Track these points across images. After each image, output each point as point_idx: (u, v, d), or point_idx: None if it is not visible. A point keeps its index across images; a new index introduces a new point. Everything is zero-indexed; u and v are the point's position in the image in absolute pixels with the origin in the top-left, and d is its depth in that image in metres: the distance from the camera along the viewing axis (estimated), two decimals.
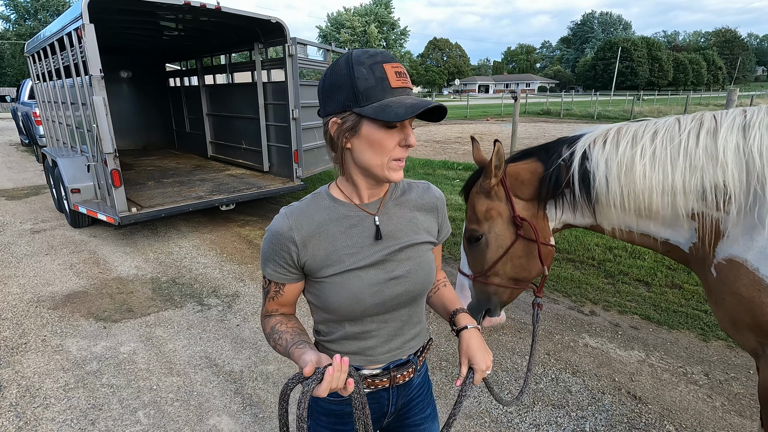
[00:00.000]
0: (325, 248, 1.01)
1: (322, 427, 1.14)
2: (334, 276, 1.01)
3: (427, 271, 1.09)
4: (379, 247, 1.04)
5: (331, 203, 1.04)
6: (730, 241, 1.38)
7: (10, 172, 9.92)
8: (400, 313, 1.09)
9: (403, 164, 0.98)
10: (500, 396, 1.08)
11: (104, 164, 4.73)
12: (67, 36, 4.87)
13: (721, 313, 1.46)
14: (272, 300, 1.07)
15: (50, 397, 2.65)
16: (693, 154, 1.37)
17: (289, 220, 1.01)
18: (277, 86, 6.51)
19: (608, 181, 1.49)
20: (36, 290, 4.08)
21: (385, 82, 0.90)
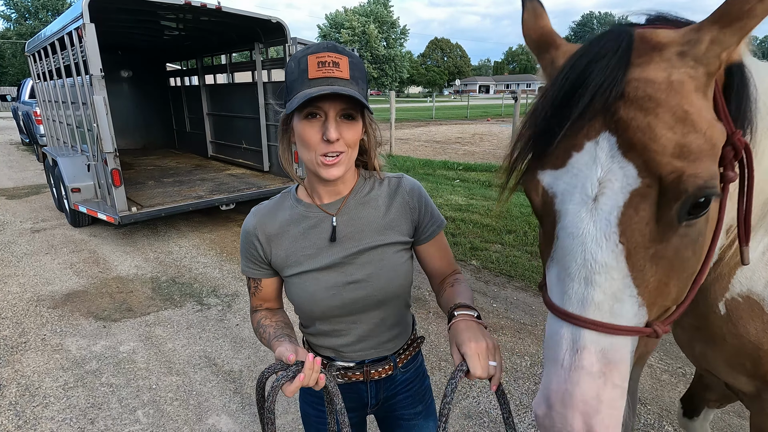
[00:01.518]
0: (286, 248, 1.04)
1: (307, 405, 1.21)
2: (293, 276, 1.04)
3: (390, 276, 1.03)
4: (337, 249, 1.01)
5: (295, 203, 1.06)
6: (750, 271, 1.00)
7: (11, 171, 9.93)
8: (370, 315, 1.06)
9: (335, 160, 0.92)
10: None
11: (104, 163, 4.73)
12: (68, 35, 4.87)
13: (714, 354, 1.14)
14: (254, 296, 1.13)
15: (50, 396, 2.65)
16: None
17: (254, 219, 1.06)
18: (277, 86, 6.50)
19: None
20: (36, 289, 4.08)
21: (305, 73, 0.88)
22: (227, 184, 6.40)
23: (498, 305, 3.77)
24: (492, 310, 3.69)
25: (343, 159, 0.93)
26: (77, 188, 5.37)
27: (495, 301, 3.83)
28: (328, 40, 5.81)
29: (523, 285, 4.14)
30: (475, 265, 4.62)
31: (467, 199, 7.13)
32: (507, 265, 4.53)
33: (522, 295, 3.96)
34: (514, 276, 4.32)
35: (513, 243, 5.14)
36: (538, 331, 3.35)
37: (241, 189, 6.03)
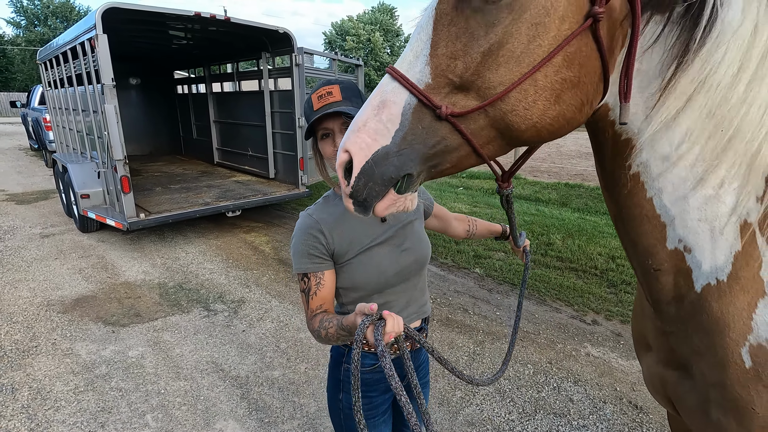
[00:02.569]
0: (347, 234, 1.22)
1: (350, 395, 1.31)
2: (359, 255, 1.22)
3: (426, 242, 1.35)
4: (386, 226, 1.27)
5: (341, 201, 1.23)
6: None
7: (20, 176, 10.06)
8: (413, 282, 1.32)
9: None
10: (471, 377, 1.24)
11: (114, 170, 4.81)
12: (81, 45, 4.98)
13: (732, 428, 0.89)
14: (315, 296, 1.20)
15: (61, 399, 2.70)
16: None
17: (313, 216, 1.22)
18: (283, 94, 6.61)
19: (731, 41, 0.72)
20: (46, 294, 4.15)
21: (311, 108, 1.17)
22: (233, 190, 6.48)
23: (501, 313, 3.80)
24: (495, 318, 3.72)
25: None
26: (86, 194, 5.46)
27: (498, 309, 3.87)
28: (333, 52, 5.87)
29: (526, 293, 4.17)
30: (479, 273, 4.65)
31: (471, 206, 7.18)
32: (510, 274, 4.56)
33: (525, 303, 3.99)
34: (518, 284, 4.35)
35: None
36: (541, 340, 3.38)
37: (247, 196, 6.10)
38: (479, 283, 4.41)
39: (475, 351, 3.23)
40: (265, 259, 5.09)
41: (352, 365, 1.01)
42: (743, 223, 0.82)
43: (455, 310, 3.84)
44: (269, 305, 3.95)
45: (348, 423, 1.33)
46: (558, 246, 5.17)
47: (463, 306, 3.93)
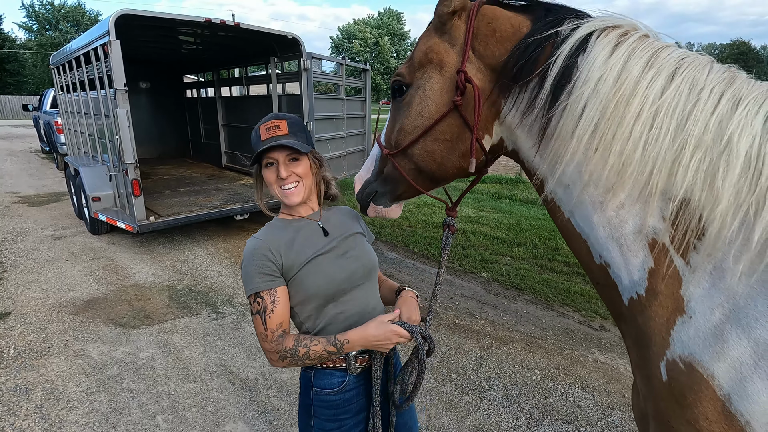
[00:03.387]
0: (294, 250, 1.28)
1: (326, 421, 1.30)
2: (306, 265, 1.26)
3: (367, 250, 1.40)
4: (329, 239, 1.34)
5: (284, 224, 1.35)
6: (694, 327, 0.85)
7: (31, 179, 10.21)
8: (365, 289, 1.35)
9: (292, 191, 1.28)
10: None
11: (125, 174, 4.88)
12: (94, 51, 5.07)
13: None
14: (272, 314, 1.21)
15: (73, 400, 2.75)
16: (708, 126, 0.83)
17: (260, 238, 1.29)
18: (291, 99, 6.67)
19: (589, 99, 0.91)
20: (58, 295, 4.21)
21: (258, 138, 1.27)
22: (241, 194, 6.53)
23: (508, 318, 3.81)
24: (502, 323, 3.73)
25: (299, 188, 1.30)
26: (98, 197, 5.54)
27: (505, 314, 3.87)
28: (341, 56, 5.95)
29: (534, 298, 4.17)
30: (485, 277, 4.66)
31: (477, 211, 7.18)
32: (517, 278, 4.56)
33: (532, 308, 3.99)
34: (525, 289, 4.35)
35: (523, 255, 5.18)
36: (549, 345, 3.38)
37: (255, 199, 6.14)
38: (486, 288, 4.41)
39: (482, 356, 3.24)
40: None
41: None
42: (651, 241, 0.91)
43: (462, 315, 3.85)
44: None
45: None
46: (565, 251, 5.16)
47: (470, 310, 3.93)
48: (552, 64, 0.94)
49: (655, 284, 0.91)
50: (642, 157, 0.87)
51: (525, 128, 1.03)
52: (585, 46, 0.93)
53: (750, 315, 0.79)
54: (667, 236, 0.88)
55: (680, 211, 0.86)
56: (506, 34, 1.03)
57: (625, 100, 0.88)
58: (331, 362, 1.28)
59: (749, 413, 0.79)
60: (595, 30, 0.95)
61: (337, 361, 1.28)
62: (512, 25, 1.03)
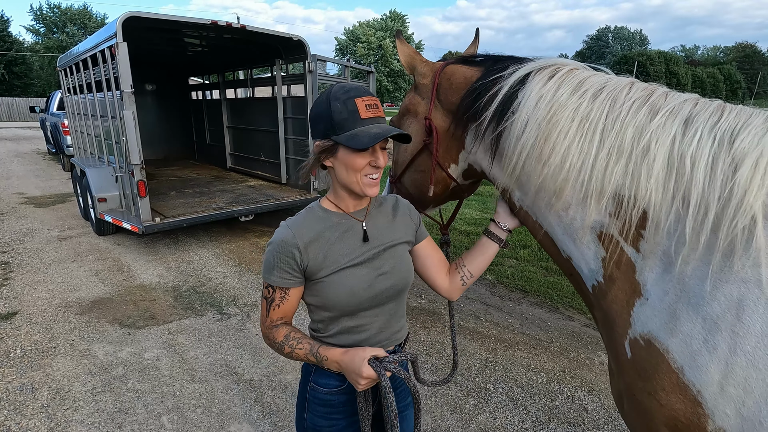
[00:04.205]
0: (324, 251, 1.16)
1: (318, 417, 1.26)
2: (332, 275, 1.16)
3: (407, 267, 1.27)
4: (368, 247, 1.21)
5: (324, 214, 1.21)
6: (650, 307, 0.96)
7: (38, 180, 10.29)
8: (389, 307, 1.24)
9: (376, 181, 1.17)
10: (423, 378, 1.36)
11: (131, 175, 4.91)
12: (101, 53, 5.11)
13: (633, 420, 1.04)
14: (277, 308, 1.18)
15: (79, 400, 2.75)
16: (626, 135, 0.98)
17: (291, 230, 1.16)
18: (296, 101, 6.69)
19: (527, 122, 1.09)
20: (64, 296, 4.23)
21: (356, 114, 1.10)
22: (246, 195, 6.55)
23: (513, 320, 3.79)
24: (507, 325, 3.71)
25: (379, 179, 1.19)
26: (103, 198, 5.57)
27: (510, 317, 3.85)
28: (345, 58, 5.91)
29: (539, 300, 4.15)
30: (490, 279, 4.64)
31: (481, 213, 7.17)
32: (522, 280, 4.55)
33: (537, 310, 3.97)
34: (530, 291, 4.33)
35: (528, 258, 5.16)
36: (554, 348, 3.36)
37: (260, 201, 6.17)
38: (491, 290, 4.40)
39: (487, 358, 3.23)
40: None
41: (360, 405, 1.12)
42: (599, 234, 1.04)
43: (467, 317, 3.84)
44: None
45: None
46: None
47: (475, 313, 3.92)
48: (495, 99, 1.15)
49: (611, 271, 1.03)
50: (573, 165, 1.02)
51: (482, 152, 1.26)
52: (524, 83, 1.13)
53: (698, 294, 0.88)
54: (614, 229, 1.01)
55: (621, 206, 0.99)
56: (460, 84, 1.29)
57: (555, 120, 1.05)
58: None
59: (700, 383, 0.87)
60: (533, 70, 1.14)
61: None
62: (465, 77, 1.29)
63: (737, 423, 0.84)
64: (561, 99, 1.06)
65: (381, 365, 1.06)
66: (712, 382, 0.86)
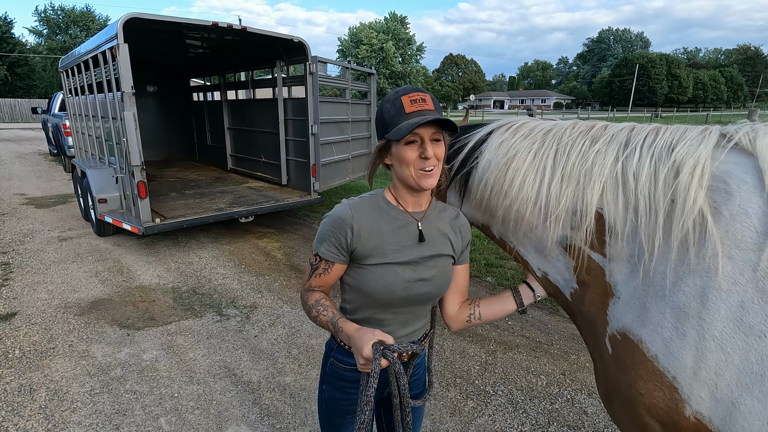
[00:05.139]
0: (375, 240, 1.19)
1: (336, 390, 1.32)
2: (377, 266, 1.19)
3: (447, 279, 1.28)
4: (417, 249, 1.22)
5: (386, 205, 1.24)
6: (622, 304, 1.05)
7: (39, 180, 10.30)
8: (416, 309, 1.28)
9: (431, 173, 1.16)
10: None
11: (131, 176, 4.91)
12: (102, 54, 5.12)
13: (620, 413, 1.10)
14: (318, 277, 1.23)
15: (77, 401, 2.75)
16: (570, 163, 1.15)
17: (351, 210, 1.20)
18: (297, 102, 6.69)
19: (489, 164, 1.30)
20: (63, 296, 4.23)
21: (402, 110, 1.14)
22: (246, 196, 6.55)
23: (513, 323, 3.77)
24: (507, 328, 3.70)
25: (435, 171, 1.18)
26: (104, 199, 5.57)
27: (510, 319, 3.84)
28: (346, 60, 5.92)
29: (539, 303, 4.14)
30: (490, 281, 4.63)
31: None
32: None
33: (537, 313, 3.95)
34: None
35: None
36: (554, 350, 3.34)
37: (260, 202, 6.17)
38: (491, 292, 4.38)
39: (487, 360, 3.21)
40: (277, 265, 5.13)
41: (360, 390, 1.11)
42: (566, 245, 1.18)
43: None
44: (281, 311, 3.98)
45: (328, 413, 1.36)
46: None
47: None
48: (463, 150, 1.38)
49: (582, 277, 1.15)
50: (529, 194, 1.20)
51: (452, 196, 1.50)
52: (487, 139, 1.34)
53: (664, 287, 0.96)
54: (579, 240, 1.13)
55: (579, 221, 1.12)
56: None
57: (510, 161, 1.24)
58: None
59: (674, 369, 0.93)
60: (495, 128, 1.35)
61: None
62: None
63: (712, 405, 0.89)
64: (515, 144, 1.26)
65: (380, 351, 1.05)
66: (685, 368, 0.91)
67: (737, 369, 0.86)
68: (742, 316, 0.86)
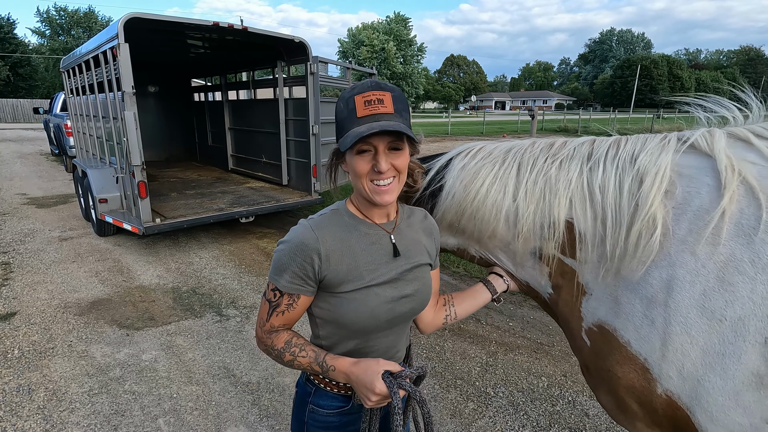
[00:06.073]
0: (347, 263, 1.03)
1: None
2: (354, 292, 1.03)
3: (429, 292, 1.17)
4: (395, 265, 1.09)
5: (351, 220, 1.08)
6: (595, 300, 1.15)
7: (40, 180, 10.31)
8: (399, 328, 1.15)
9: (387, 188, 1.01)
10: None
11: (132, 176, 4.91)
12: (103, 54, 5.12)
13: (604, 398, 1.19)
14: (281, 315, 1.05)
15: (75, 401, 2.73)
16: (532, 179, 1.22)
17: (314, 232, 1.02)
18: (297, 102, 6.68)
19: (453, 188, 1.35)
20: (63, 296, 4.22)
21: (353, 112, 0.97)
22: (247, 197, 6.54)
23: (514, 324, 3.75)
24: (508, 329, 3.68)
25: (394, 185, 1.03)
26: (104, 199, 5.56)
27: (511, 320, 3.82)
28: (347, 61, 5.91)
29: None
30: None
31: None
32: None
33: (538, 314, 3.93)
34: None
35: None
36: (555, 352, 3.32)
37: (261, 202, 6.16)
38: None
39: (488, 362, 3.19)
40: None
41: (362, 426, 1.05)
42: (539, 254, 1.25)
43: (467, 320, 3.81)
44: None
45: None
46: None
47: (475, 316, 3.89)
48: (423, 184, 1.42)
49: (557, 280, 1.23)
50: (497, 213, 1.26)
51: None
52: (448, 165, 1.41)
53: (633, 280, 1.05)
54: (552, 248, 1.21)
55: (552, 233, 1.19)
56: None
57: (471, 183, 1.31)
58: (336, 387, 1.12)
59: (645, 352, 1.03)
60: (454, 155, 1.42)
61: (343, 387, 1.12)
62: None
63: (680, 383, 0.99)
64: (477, 165, 1.33)
65: (395, 382, 0.96)
66: (654, 350, 1.01)
67: (701, 350, 0.95)
68: (705, 302, 0.95)
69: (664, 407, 1.03)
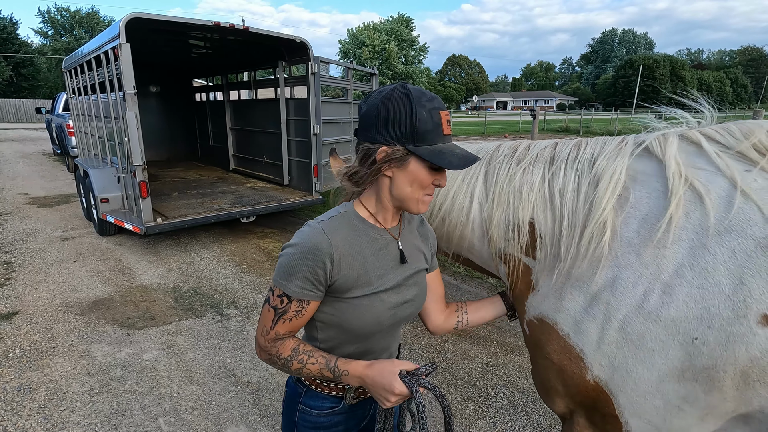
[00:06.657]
0: (358, 269, 1.02)
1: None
2: (362, 298, 1.03)
3: (425, 295, 1.21)
4: (400, 271, 1.10)
5: (361, 224, 1.06)
6: (540, 296, 1.22)
7: (42, 180, 10.34)
8: (396, 330, 1.18)
9: (430, 200, 1.08)
10: None
11: (133, 176, 4.92)
12: (104, 54, 5.13)
13: (534, 376, 1.34)
14: (287, 322, 1.02)
15: (76, 401, 2.74)
16: (497, 184, 1.29)
17: (327, 236, 1.00)
18: (299, 102, 6.69)
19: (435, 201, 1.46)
20: (65, 296, 4.23)
21: (440, 128, 1.00)
22: (248, 197, 6.55)
23: (515, 324, 3.75)
24: (509, 329, 3.67)
25: None
26: (106, 199, 5.58)
27: (511, 321, 3.81)
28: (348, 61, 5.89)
29: None
30: (492, 282, 4.60)
31: None
32: None
33: None
34: None
35: None
36: None
37: (262, 202, 6.16)
38: (492, 294, 4.35)
39: (488, 362, 3.19)
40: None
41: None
42: (501, 255, 1.33)
43: None
44: None
45: None
46: None
47: None
48: None
49: (515, 279, 1.31)
50: (465, 217, 1.37)
51: None
52: None
53: (579, 278, 1.12)
54: (513, 248, 1.29)
55: (516, 235, 1.26)
56: None
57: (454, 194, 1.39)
58: (327, 389, 1.13)
59: (582, 343, 1.11)
60: None
61: (335, 389, 1.13)
62: None
63: (609, 372, 1.07)
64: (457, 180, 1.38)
65: (414, 380, 0.97)
66: (591, 342, 1.09)
67: (634, 345, 1.03)
68: (644, 303, 1.01)
69: (589, 390, 1.13)
